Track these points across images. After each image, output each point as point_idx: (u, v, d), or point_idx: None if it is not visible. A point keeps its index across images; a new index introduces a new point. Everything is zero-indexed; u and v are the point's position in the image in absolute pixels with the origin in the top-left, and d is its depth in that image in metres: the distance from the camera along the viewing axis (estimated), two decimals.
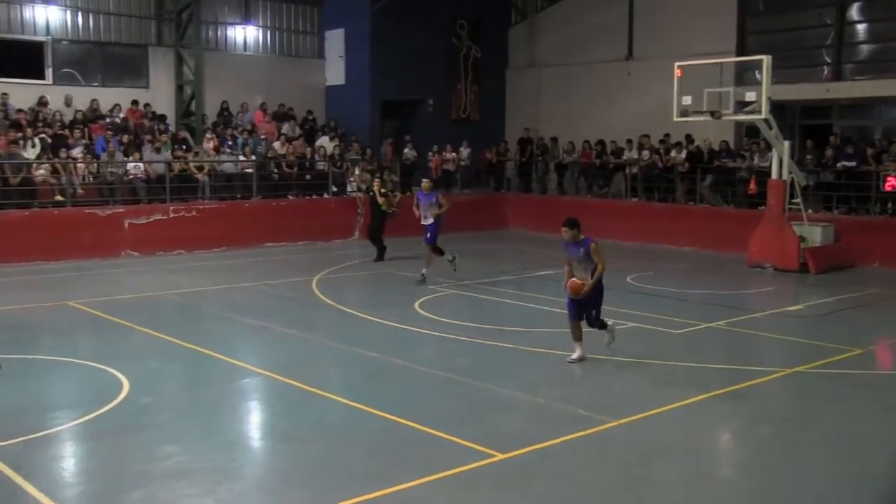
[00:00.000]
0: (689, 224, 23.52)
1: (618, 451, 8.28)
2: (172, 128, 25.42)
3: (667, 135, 24.91)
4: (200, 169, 23.13)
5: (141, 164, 22.18)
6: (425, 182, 18.15)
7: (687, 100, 19.14)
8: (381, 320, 13.90)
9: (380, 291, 17.24)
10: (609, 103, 28.22)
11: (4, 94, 22.97)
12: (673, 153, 24.69)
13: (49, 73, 24.68)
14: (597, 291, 10.91)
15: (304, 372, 10.80)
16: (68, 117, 23.52)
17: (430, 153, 27.68)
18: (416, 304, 15.05)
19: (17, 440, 8.30)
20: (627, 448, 8.34)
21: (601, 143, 26.97)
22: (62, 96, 24.02)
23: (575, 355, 11.14)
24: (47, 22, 24.57)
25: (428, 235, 17.39)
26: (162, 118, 25.34)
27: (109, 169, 22.12)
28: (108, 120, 24.06)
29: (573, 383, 10.66)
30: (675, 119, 19.67)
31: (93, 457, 8.24)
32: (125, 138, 23.18)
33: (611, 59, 28.41)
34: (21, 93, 23.33)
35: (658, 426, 9.00)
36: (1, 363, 10.50)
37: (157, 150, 22.92)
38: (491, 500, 7.24)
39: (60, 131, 22.57)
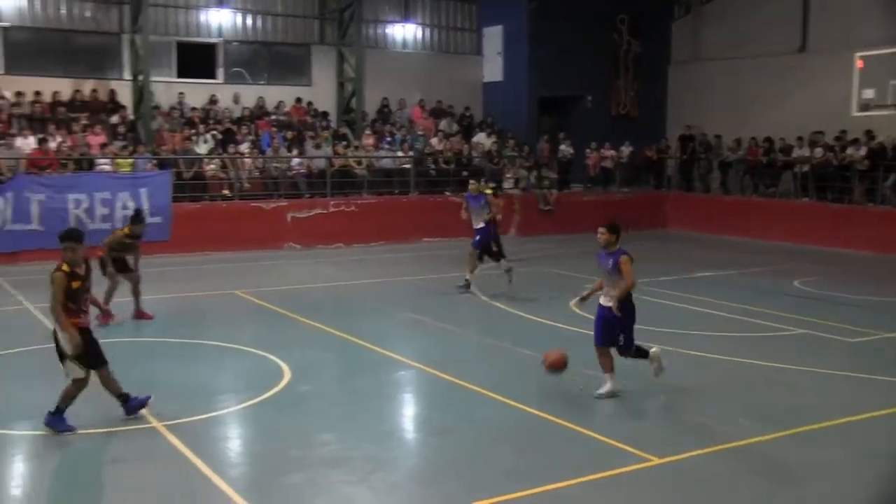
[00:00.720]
0: (866, 226, 22.20)
1: (779, 462, 7.85)
2: (333, 124, 26.09)
3: (843, 131, 23.59)
4: (360, 164, 23.63)
5: (303, 160, 22.87)
6: (472, 183, 16.25)
7: (869, 93, 18.01)
8: (535, 318, 13.77)
9: (535, 289, 17.05)
10: (778, 98, 27.02)
11: (181, 93, 24.18)
12: (850, 150, 23.32)
13: (220, 72, 25.80)
14: (626, 312, 9.25)
15: (456, 366, 10.80)
16: (236, 114, 24.51)
17: (588, 150, 27.30)
18: (573, 303, 14.81)
19: (190, 419, 8.72)
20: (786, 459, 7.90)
21: (769, 140, 25.85)
22: (231, 95, 25.06)
23: (603, 389, 9.48)
24: (220, 25, 25.67)
25: (477, 238, 15.88)
26: (324, 115, 26.05)
27: (274, 164, 22.91)
28: (273, 117, 24.94)
29: (749, 390, 10.18)
30: (855, 114, 18.61)
31: (256, 440, 8.50)
32: (289, 134, 23.95)
33: (782, 52, 27.19)
34: (195, 92, 24.50)
35: (820, 438, 8.50)
36: None
37: (318, 146, 23.56)
38: None
39: (230, 126, 23.55)
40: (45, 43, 23.39)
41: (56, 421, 8.24)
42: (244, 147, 22.88)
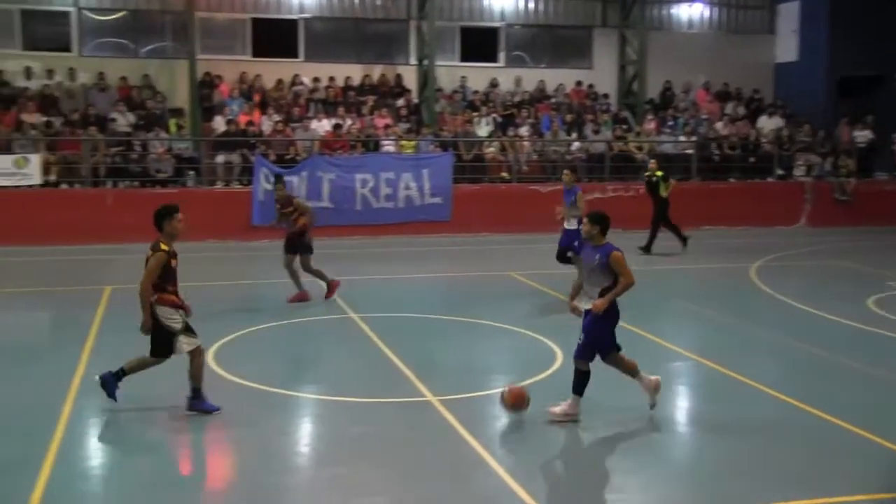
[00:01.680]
0: None
1: None
2: (613, 108, 25.59)
3: None
4: (640, 149, 22.99)
5: (582, 143, 22.59)
6: (566, 174, 13.81)
7: None
8: (825, 314, 12.67)
9: (825, 284, 15.77)
10: None
11: (463, 77, 24.72)
12: None
13: (502, 56, 26.07)
14: (607, 320, 7.98)
15: (735, 360, 10.13)
16: (517, 98, 24.66)
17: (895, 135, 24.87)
18: (870, 301, 13.51)
19: (463, 395, 8.78)
20: None
21: None
22: (512, 78, 25.26)
23: (648, 398, 8.22)
24: (502, 9, 25.93)
25: (575, 244, 12.99)
26: (604, 98, 25.61)
27: (553, 147, 22.83)
28: (552, 100, 24.85)
29: None
30: None
31: (527, 421, 8.37)
32: (568, 118, 23.76)
33: None
34: (476, 76, 24.94)
35: None
36: None
37: (597, 131, 23.18)
38: None
39: (511, 110, 23.75)
40: (340, 31, 24.77)
41: (198, 403, 8.11)
42: (523, 130, 23.00)
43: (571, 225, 13.29)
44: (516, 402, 8.01)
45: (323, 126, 21.72)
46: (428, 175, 20.45)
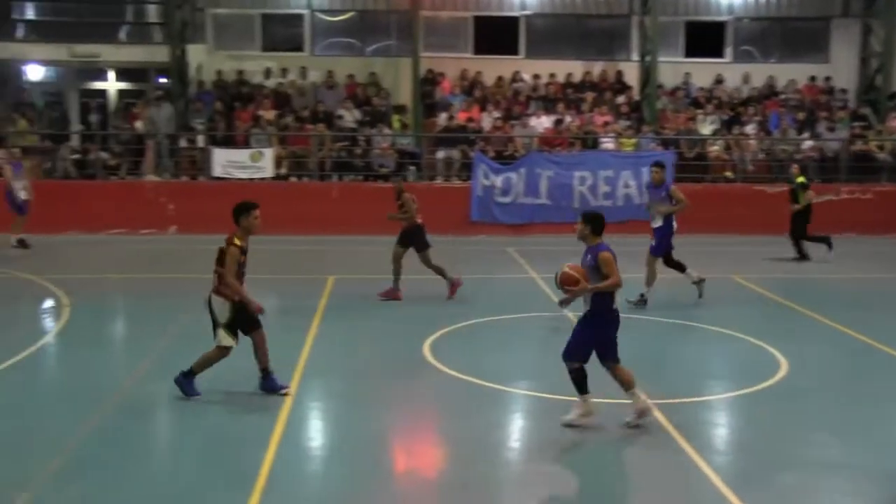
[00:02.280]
0: None
1: None
2: (852, 104, 23.96)
3: None
4: (881, 148, 21.40)
5: (815, 142, 21.33)
6: (654, 170, 12.89)
7: None
8: None
9: None
10: None
11: (687, 73, 23.95)
12: None
13: (728, 51, 25.04)
14: (596, 321, 7.67)
15: None
16: (743, 94, 23.62)
17: None
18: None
19: (680, 400, 8.50)
20: None
21: None
22: (739, 74, 24.20)
23: (631, 417, 7.72)
24: (730, 2, 24.88)
25: (654, 244, 12.64)
26: (841, 94, 24.03)
27: (781, 146, 21.69)
28: (782, 97, 23.60)
29: None
30: None
31: (745, 430, 8.01)
32: (800, 115, 22.50)
33: None
34: (701, 72, 24.09)
35: None
36: None
37: (832, 129, 21.80)
38: None
39: (738, 108, 22.77)
40: (561, 28, 24.66)
41: (186, 383, 8.26)
42: (749, 128, 21.99)
43: (656, 223, 12.66)
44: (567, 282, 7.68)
45: (542, 123, 21.72)
46: (648, 173, 19.94)
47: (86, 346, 10.46)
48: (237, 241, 8.24)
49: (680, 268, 12.93)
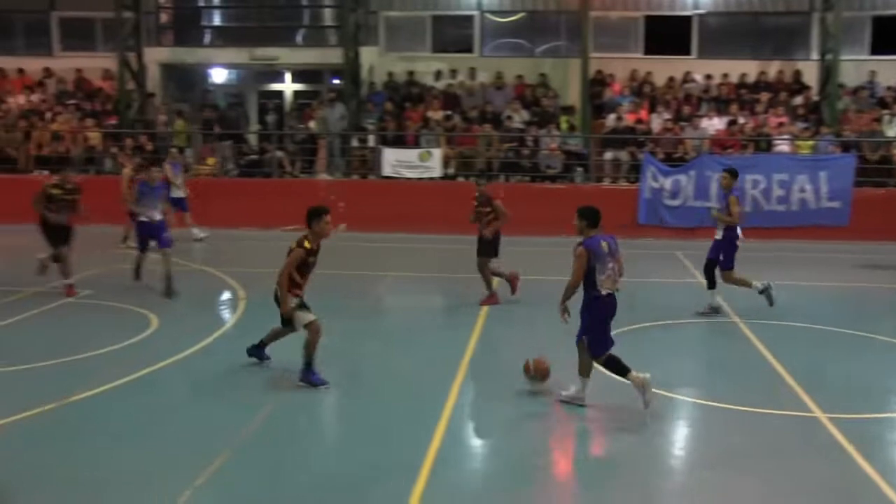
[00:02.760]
0: None
1: None
2: None
3: None
4: None
5: None
6: (724, 175, 12.29)
7: None
8: None
9: None
10: None
11: (872, 71, 22.68)
12: None
13: None
14: (589, 312, 8.12)
15: None
16: None
17: None
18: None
19: (858, 416, 8.11)
20: None
21: None
22: None
23: (566, 392, 8.33)
24: None
25: (721, 258, 11.99)
26: None
27: None
28: None
29: None
30: None
31: None
32: None
33: None
34: (889, 70, 22.73)
35: None
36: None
37: None
38: None
39: None
40: (735, 27, 23.89)
41: (307, 375, 8.63)
42: None
43: (718, 235, 12.11)
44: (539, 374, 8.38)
45: (713, 125, 21.10)
46: (825, 177, 19.07)
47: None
48: (307, 244, 8.71)
49: (710, 282, 12.19)
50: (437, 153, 20.32)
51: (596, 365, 8.28)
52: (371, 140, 21.56)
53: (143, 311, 11.65)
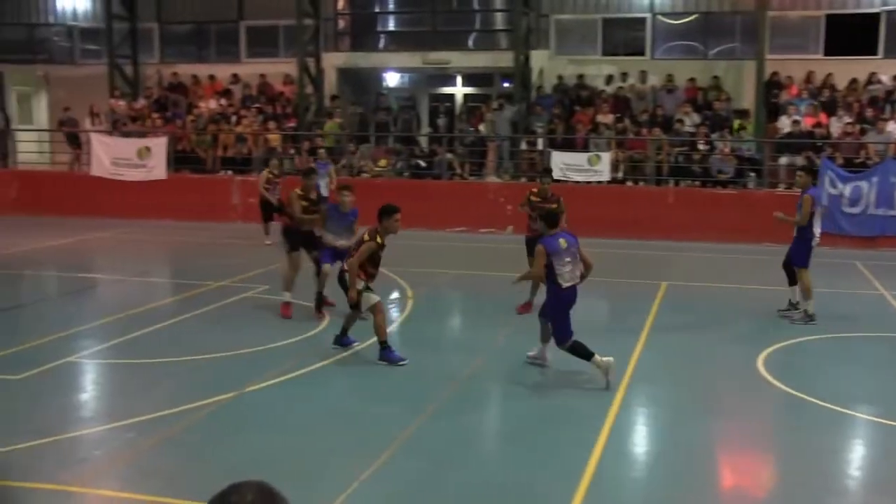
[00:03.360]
0: None
1: None
2: None
3: None
4: None
5: None
6: (799, 174, 12.37)
7: None
8: None
9: None
10: None
11: None
12: None
13: None
14: (550, 303, 9.21)
15: None
16: None
17: None
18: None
19: None
20: None
21: None
22: None
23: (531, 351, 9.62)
24: None
25: (793, 254, 11.93)
26: None
27: None
28: None
29: None
30: None
31: None
32: None
33: None
34: None
35: None
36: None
37: None
38: None
39: None
40: None
41: (385, 353, 9.52)
42: None
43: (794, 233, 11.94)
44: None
45: None
46: None
47: (426, 337, 11.29)
48: (378, 239, 9.41)
49: (791, 278, 12.03)
50: (606, 157, 20.20)
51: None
52: (540, 143, 21.67)
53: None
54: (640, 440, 7.91)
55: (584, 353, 8.92)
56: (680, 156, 20.68)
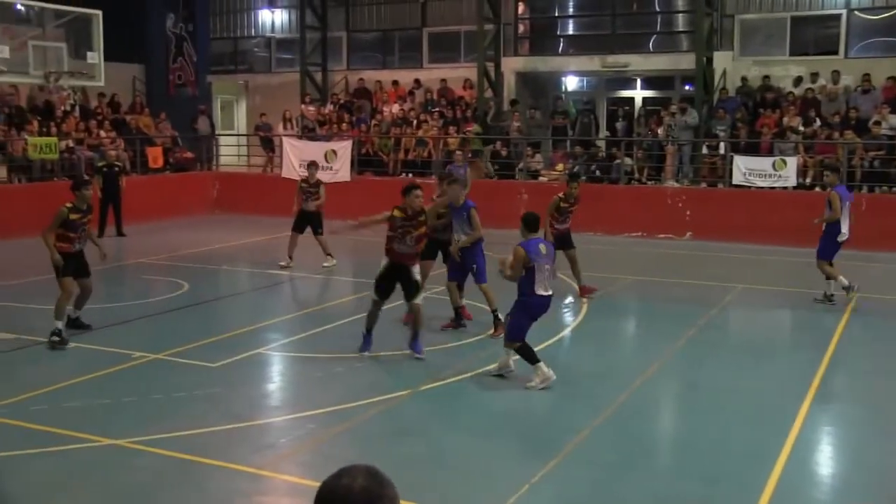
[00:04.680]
0: None
1: None
2: None
3: None
4: None
5: None
6: (826, 173, 13.79)
7: None
8: None
9: None
10: None
11: None
12: None
13: None
14: (520, 306, 9.00)
15: None
16: None
17: None
18: None
19: None
20: None
21: None
22: None
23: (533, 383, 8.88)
24: None
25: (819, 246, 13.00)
26: None
27: None
28: None
29: None
30: None
31: None
32: None
33: None
34: None
35: None
36: None
37: None
38: None
39: None
40: None
41: (417, 345, 9.91)
42: None
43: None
44: None
45: None
46: None
47: (599, 342, 11.26)
48: (396, 212, 10.00)
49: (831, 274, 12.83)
50: (793, 161, 19.40)
51: None
52: (721, 147, 21.07)
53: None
54: (825, 459, 7.60)
55: (531, 357, 8.89)
56: (875, 160, 19.59)
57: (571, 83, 26.94)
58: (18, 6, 15.07)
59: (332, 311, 12.46)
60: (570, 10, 26.18)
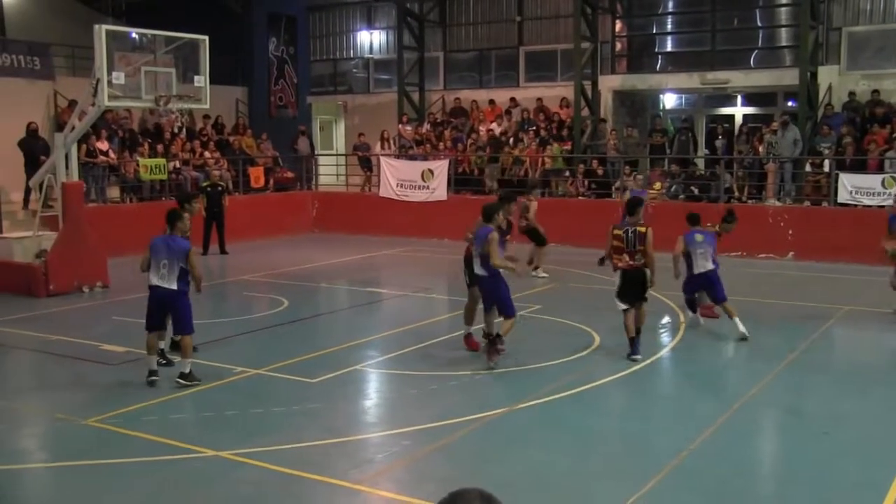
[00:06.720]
0: None
1: None
2: None
3: None
4: None
5: None
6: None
7: None
8: None
9: None
10: None
11: None
12: None
13: None
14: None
15: None
16: None
17: None
18: None
19: None
20: None
21: None
22: None
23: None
24: None
25: None
26: None
27: None
28: None
29: None
30: None
31: None
32: None
33: None
34: None
35: None
36: None
37: None
38: None
39: None
40: None
41: (635, 349, 10.44)
42: None
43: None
44: None
45: None
46: None
47: (698, 363, 11.09)
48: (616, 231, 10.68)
49: None
50: None
51: None
52: (826, 165, 20.50)
53: (587, 329, 12.32)
54: None
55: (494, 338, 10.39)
56: None
57: (669, 101, 26.65)
58: (133, 35, 15.79)
59: (428, 330, 12.61)
60: (669, 27, 25.92)
